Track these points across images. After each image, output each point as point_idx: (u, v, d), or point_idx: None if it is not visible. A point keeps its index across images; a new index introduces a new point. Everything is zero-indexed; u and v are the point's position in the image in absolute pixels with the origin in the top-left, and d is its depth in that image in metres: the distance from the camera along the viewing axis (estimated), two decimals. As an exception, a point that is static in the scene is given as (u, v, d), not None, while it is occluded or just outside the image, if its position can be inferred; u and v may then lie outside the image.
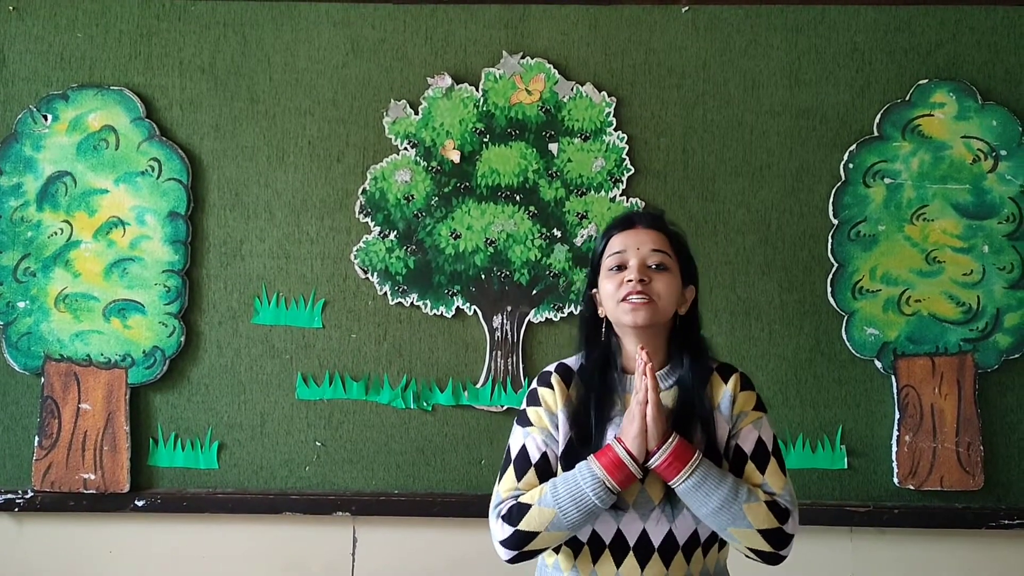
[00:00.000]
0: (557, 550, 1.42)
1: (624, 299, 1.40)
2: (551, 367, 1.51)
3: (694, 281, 1.50)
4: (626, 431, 1.35)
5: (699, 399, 1.42)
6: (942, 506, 2.21)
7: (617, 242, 1.46)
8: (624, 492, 1.37)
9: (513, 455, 1.45)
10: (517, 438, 1.47)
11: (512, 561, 1.39)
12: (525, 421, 1.47)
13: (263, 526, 2.27)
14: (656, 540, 1.38)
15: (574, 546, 1.41)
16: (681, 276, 1.46)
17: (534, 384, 1.50)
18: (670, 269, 1.43)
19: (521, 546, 1.36)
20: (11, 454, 2.26)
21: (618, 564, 1.39)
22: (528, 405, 1.48)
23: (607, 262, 1.45)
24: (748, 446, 1.42)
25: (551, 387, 1.46)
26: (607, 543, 1.40)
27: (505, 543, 1.38)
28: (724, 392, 1.45)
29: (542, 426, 1.45)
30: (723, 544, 1.46)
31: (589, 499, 1.32)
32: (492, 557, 1.49)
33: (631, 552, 1.39)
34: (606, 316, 1.47)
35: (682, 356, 1.46)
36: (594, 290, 1.50)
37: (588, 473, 1.34)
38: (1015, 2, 2.24)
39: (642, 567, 1.38)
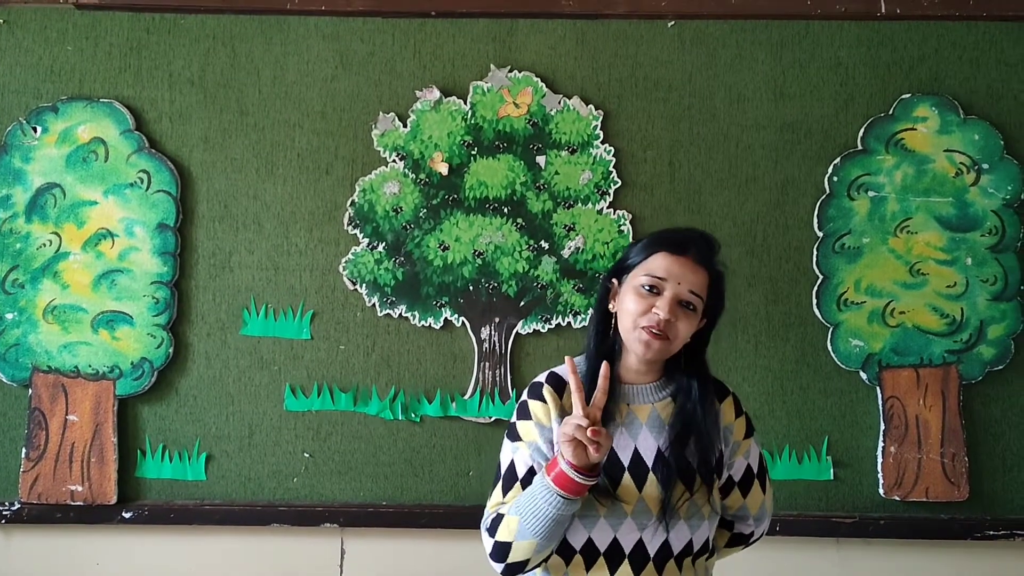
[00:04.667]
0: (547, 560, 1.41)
1: (643, 327, 1.38)
2: (542, 377, 1.48)
3: (712, 318, 1.48)
4: (563, 447, 1.30)
5: (708, 414, 1.43)
6: (928, 517, 2.22)
7: (662, 264, 1.41)
8: (623, 502, 1.38)
9: (502, 470, 1.45)
10: (506, 453, 1.46)
11: (505, 575, 1.39)
12: (514, 436, 1.46)
13: (251, 537, 2.27)
14: (652, 549, 1.39)
15: (566, 554, 1.41)
16: (703, 312, 1.44)
17: (524, 396, 1.47)
18: (697, 311, 1.41)
19: (504, 558, 1.37)
20: (-2, 466, 2.25)
21: (612, 571, 1.39)
22: (518, 419, 1.46)
23: (642, 277, 1.41)
24: (738, 475, 1.51)
25: (543, 400, 1.43)
26: (602, 551, 1.39)
27: (491, 555, 1.39)
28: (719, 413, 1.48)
29: (531, 440, 1.43)
30: (712, 552, 1.50)
31: (544, 510, 1.31)
32: (479, 568, 1.50)
33: (626, 560, 1.39)
34: (616, 310, 1.45)
35: (679, 366, 1.47)
36: (614, 280, 1.47)
37: (541, 483, 1.33)
38: (996, 18, 2.27)
39: (636, 574, 1.39)
